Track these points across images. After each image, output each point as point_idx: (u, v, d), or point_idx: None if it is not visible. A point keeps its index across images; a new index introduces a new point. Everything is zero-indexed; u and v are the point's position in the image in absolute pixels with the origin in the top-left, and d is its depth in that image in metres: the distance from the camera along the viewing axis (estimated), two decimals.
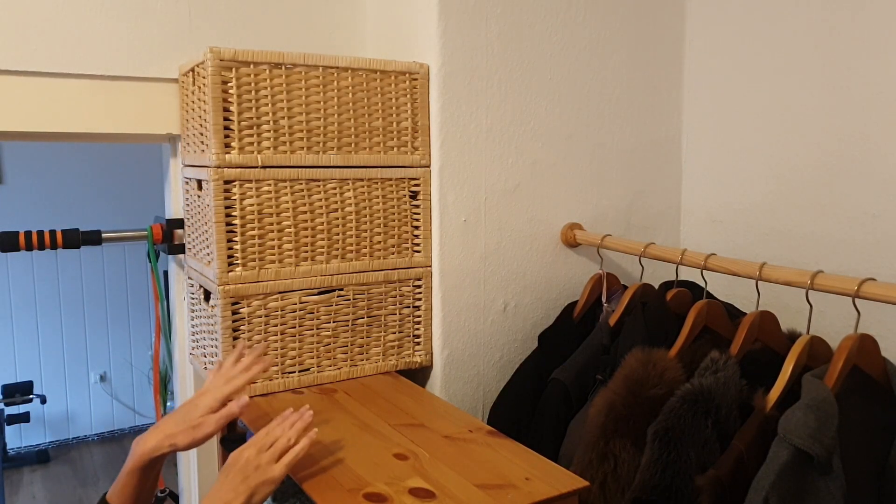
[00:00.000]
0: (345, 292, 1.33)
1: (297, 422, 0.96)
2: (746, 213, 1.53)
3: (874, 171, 1.30)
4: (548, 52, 1.46)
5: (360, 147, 1.33)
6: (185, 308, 1.52)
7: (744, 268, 1.15)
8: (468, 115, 1.38)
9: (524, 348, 1.47)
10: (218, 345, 1.25)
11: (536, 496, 0.92)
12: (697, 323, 1.18)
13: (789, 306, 1.18)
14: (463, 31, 1.36)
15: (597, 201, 1.56)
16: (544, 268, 1.51)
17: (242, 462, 0.92)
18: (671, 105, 1.65)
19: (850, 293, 0.99)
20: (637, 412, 1.06)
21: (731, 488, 0.95)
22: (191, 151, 1.34)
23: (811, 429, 0.91)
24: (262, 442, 0.94)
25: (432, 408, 1.23)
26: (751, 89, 1.51)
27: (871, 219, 1.31)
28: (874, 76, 1.29)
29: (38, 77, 1.32)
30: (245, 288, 1.24)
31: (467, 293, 1.42)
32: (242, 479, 0.90)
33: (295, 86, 1.25)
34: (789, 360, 1.04)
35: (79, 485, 3.65)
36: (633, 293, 1.33)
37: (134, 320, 4.20)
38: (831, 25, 1.35)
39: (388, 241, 1.37)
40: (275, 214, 1.25)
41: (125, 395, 4.25)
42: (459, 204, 1.39)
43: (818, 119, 1.39)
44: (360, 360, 1.37)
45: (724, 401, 1.02)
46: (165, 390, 3.86)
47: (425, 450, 1.06)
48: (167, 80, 1.42)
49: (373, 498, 0.92)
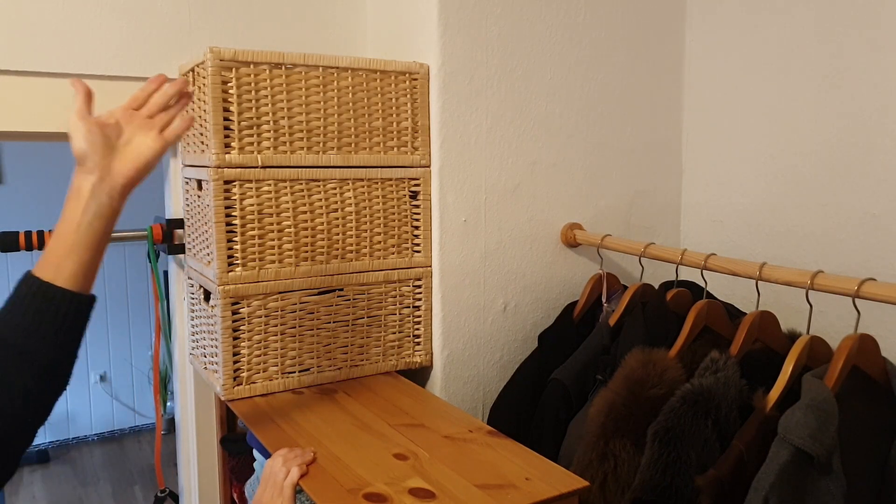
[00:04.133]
0: (345, 292, 1.33)
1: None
2: (746, 213, 1.53)
3: (874, 171, 1.30)
4: (548, 51, 1.46)
5: (360, 147, 1.33)
6: (185, 308, 1.52)
7: (744, 268, 1.15)
8: (468, 115, 1.38)
9: (524, 348, 1.47)
10: (218, 345, 1.25)
11: (536, 496, 0.92)
12: (697, 323, 1.18)
13: (789, 306, 1.18)
14: (463, 31, 1.36)
15: (597, 201, 1.56)
16: (544, 268, 1.51)
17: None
18: (671, 105, 1.65)
19: (850, 293, 0.99)
20: (637, 412, 1.06)
21: (731, 488, 0.95)
22: (191, 151, 1.34)
23: (811, 429, 0.91)
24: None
25: (432, 408, 1.23)
26: (750, 89, 1.51)
27: (871, 219, 1.31)
28: (874, 76, 1.29)
29: (38, 77, 1.32)
30: (245, 288, 1.24)
31: (467, 293, 1.42)
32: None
33: (295, 86, 1.25)
34: (789, 360, 1.04)
35: (79, 485, 3.65)
36: (633, 293, 1.33)
37: (134, 320, 4.20)
38: (831, 25, 1.35)
39: (388, 241, 1.37)
40: (275, 214, 1.25)
41: (125, 395, 4.25)
42: (459, 204, 1.39)
43: (818, 119, 1.39)
44: (360, 360, 1.37)
45: (724, 401, 1.01)
46: (165, 390, 3.87)
47: (425, 450, 1.06)
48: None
49: (373, 498, 0.92)
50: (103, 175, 0.82)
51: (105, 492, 3.58)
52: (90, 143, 0.82)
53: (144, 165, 0.85)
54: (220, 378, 1.25)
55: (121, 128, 0.86)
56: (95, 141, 0.82)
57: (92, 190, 0.80)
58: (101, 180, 0.81)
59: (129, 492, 3.58)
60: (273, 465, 1.00)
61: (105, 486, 3.63)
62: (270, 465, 1.00)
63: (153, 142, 0.86)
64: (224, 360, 1.24)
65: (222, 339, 1.23)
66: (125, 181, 0.83)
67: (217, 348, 1.25)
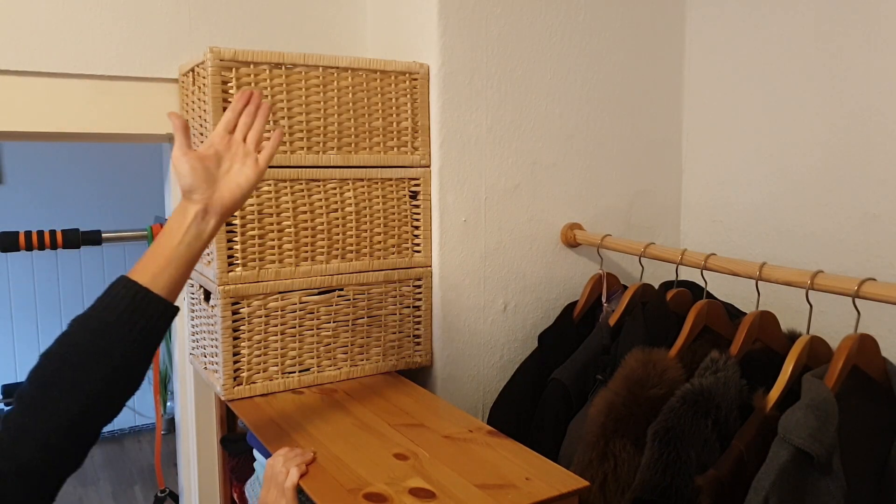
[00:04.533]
0: (345, 292, 1.33)
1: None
2: (746, 212, 1.53)
3: (874, 171, 1.30)
4: (548, 52, 1.46)
5: (360, 147, 1.33)
6: (185, 308, 1.52)
7: (744, 268, 1.15)
8: (468, 115, 1.38)
9: (524, 348, 1.47)
10: (218, 345, 1.25)
11: (536, 496, 0.92)
12: (697, 323, 1.18)
13: (789, 306, 1.18)
14: (463, 31, 1.36)
15: (597, 201, 1.56)
16: (544, 268, 1.51)
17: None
18: (671, 105, 1.65)
19: (850, 293, 0.99)
20: (637, 412, 1.06)
21: (731, 488, 0.95)
22: None
23: (811, 429, 0.91)
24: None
25: (432, 408, 1.23)
26: (751, 89, 1.51)
27: (871, 219, 1.31)
28: (874, 76, 1.29)
29: (38, 77, 1.32)
30: (245, 288, 1.24)
31: (467, 293, 1.42)
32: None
33: (295, 86, 1.25)
34: (789, 360, 1.04)
35: (79, 485, 3.65)
36: (633, 293, 1.33)
37: None
38: (831, 25, 1.35)
39: (388, 241, 1.37)
40: (275, 214, 1.25)
41: None
42: (459, 204, 1.39)
43: (818, 119, 1.39)
44: (360, 360, 1.37)
45: (724, 401, 1.01)
46: (165, 390, 3.87)
47: (425, 450, 1.06)
48: (167, 80, 1.42)
49: (373, 498, 0.92)
50: (207, 205, 0.88)
51: (105, 492, 3.58)
52: (195, 179, 0.88)
53: (243, 195, 0.92)
54: (220, 378, 1.25)
55: (220, 157, 0.92)
56: (199, 176, 0.88)
57: (195, 216, 0.87)
58: (204, 210, 0.88)
59: (129, 492, 3.58)
60: (274, 465, 1.00)
61: (105, 486, 3.63)
62: (272, 465, 1.00)
63: (251, 171, 0.93)
64: (224, 360, 1.24)
65: (222, 339, 1.23)
66: (225, 211, 0.90)
67: (217, 348, 1.25)
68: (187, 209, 0.88)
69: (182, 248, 0.86)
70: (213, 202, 0.89)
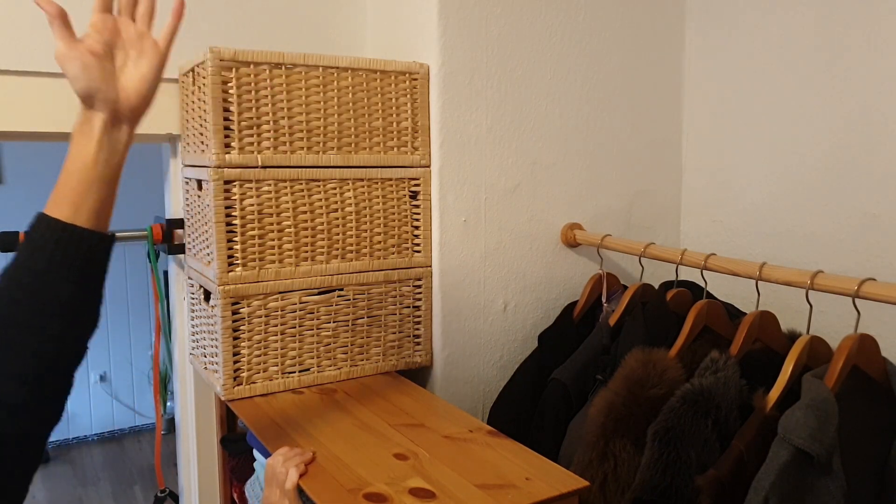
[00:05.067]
0: (345, 292, 1.33)
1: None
2: (746, 213, 1.53)
3: (874, 171, 1.30)
4: (548, 52, 1.46)
5: (360, 147, 1.33)
6: (185, 308, 1.52)
7: (744, 268, 1.15)
8: (468, 115, 1.38)
9: (524, 348, 1.47)
10: (218, 345, 1.25)
11: (536, 496, 0.92)
12: (697, 323, 1.18)
13: (789, 306, 1.18)
14: (463, 31, 1.36)
15: (597, 201, 1.56)
16: (544, 268, 1.51)
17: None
18: (671, 105, 1.65)
19: (850, 293, 0.99)
20: (637, 412, 1.06)
21: (731, 488, 0.95)
22: (191, 151, 1.34)
23: (811, 429, 0.91)
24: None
25: (432, 408, 1.23)
26: (751, 89, 1.51)
27: (871, 219, 1.31)
28: (874, 76, 1.29)
29: (38, 77, 1.32)
30: (245, 288, 1.24)
31: (467, 293, 1.42)
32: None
33: (295, 86, 1.25)
34: (789, 360, 1.04)
35: (79, 485, 3.65)
36: (633, 293, 1.33)
37: (134, 320, 4.20)
38: (831, 25, 1.35)
39: (388, 241, 1.37)
40: (275, 214, 1.25)
41: (125, 395, 4.25)
42: (459, 204, 1.39)
43: (818, 119, 1.39)
44: (360, 360, 1.37)
45: (724, 401, 1.01)
46: (165, 390, 3.87)
47: (425, 450, 1.06)
48: (167, 80, 1.40)
49: (373, 498, 0.92)
50: (112, 110, 0.75)
51: (105, 492, 3.58)
52: (91, 79, 0.74)
53: (150, 88, 0.78)
54: (220, 378, 1.25)
55: (111, 47, 0.77)
56: (95, 74, 0.74)
57: (103, 127, 0.75)
58: (113, 117, 0.75)
59: (129, 492, 3.58)
60: (274, 464, 1.00)
61: (105, 486, 3.63)
62: (272, 464, 1.00)
63: (153, 56, 0.78)
64: (224, 360, 1.24)
65: (222, 339, 1.23)
66: (137, 112, 0.77)
67: (217, 348, 1.25)
68: (92, 120, 0.74)
69: (99, 169, 0.74)
70: (119, 105, 0.75)
